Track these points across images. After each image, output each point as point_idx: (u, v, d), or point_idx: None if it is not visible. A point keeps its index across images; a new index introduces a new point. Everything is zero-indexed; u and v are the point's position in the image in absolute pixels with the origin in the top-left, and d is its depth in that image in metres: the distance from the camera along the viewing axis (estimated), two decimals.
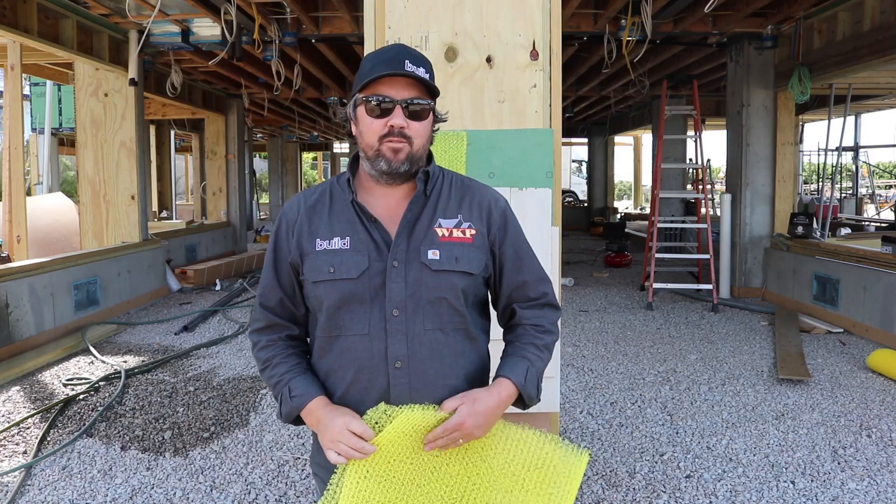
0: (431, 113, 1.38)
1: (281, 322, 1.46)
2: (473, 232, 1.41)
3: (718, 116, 12.11)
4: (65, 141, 13.72)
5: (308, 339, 1.52)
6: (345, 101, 1.45)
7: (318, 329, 1.42)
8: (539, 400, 1.43)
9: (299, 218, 1.42)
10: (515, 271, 1.45)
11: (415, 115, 1.34)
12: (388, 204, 1.40)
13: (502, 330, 1.52)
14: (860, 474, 3.26)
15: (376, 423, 1.31)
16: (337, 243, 1.37)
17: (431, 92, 1.37)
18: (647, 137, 21.43)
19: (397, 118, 1.32)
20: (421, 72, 1.33)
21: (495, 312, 1.54)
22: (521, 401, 1.41)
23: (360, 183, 1.43)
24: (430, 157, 1.46)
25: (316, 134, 19.02)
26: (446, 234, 1.39)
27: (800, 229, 7.42)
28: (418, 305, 1.36)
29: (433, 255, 1.36)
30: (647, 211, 13.29)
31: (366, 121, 1.35)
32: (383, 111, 1.33)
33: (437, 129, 1.44)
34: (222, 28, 6.74)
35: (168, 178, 14.90)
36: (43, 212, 8.53)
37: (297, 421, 1.42)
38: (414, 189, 1.41)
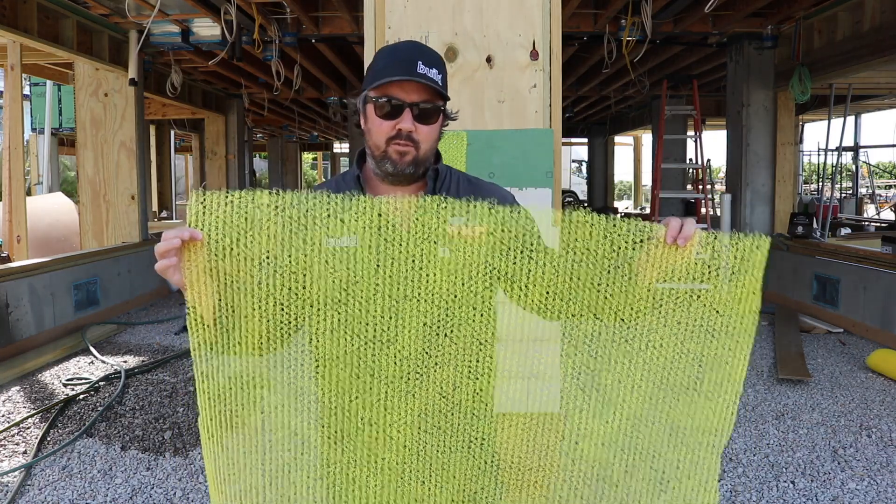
0: (441, 114, 1.36)
1: None
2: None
3: (718, 116, 12.09)
4: (65, 141, 13.71)
5: None
6: (345, 101, 1.45)
7: None
8: None
9: None
10: None
11: (424, 118, 1.32)
12: None
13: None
14: (860, 474, 3.26)
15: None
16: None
17: (442, 93, 1.36)
18: (647, 137, 21.41)
19: (406, 122, 1.31)
20: (433, 73, 1.32)
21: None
22: None
23: (367, 179, 1.42)
24: (438, 155, 1.45)
25: (316, 134, 19.01)
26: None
27: (800, 229, 7.42)
28: None
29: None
30: (647, 211, 13.27)
31: (375, 120, 1.34)
32: (393, 112, 1.31)
33: (447, 125, 1.43)
34: (222, 28, 6.74)
35: (168, 178, 14.90)
36: (43, 212, 8.53)
37: None
38: (421, 188, 1.40)
